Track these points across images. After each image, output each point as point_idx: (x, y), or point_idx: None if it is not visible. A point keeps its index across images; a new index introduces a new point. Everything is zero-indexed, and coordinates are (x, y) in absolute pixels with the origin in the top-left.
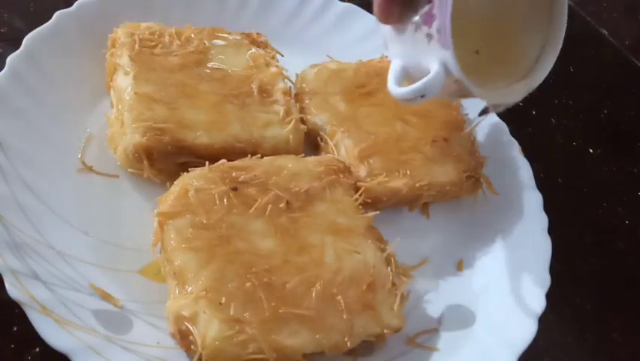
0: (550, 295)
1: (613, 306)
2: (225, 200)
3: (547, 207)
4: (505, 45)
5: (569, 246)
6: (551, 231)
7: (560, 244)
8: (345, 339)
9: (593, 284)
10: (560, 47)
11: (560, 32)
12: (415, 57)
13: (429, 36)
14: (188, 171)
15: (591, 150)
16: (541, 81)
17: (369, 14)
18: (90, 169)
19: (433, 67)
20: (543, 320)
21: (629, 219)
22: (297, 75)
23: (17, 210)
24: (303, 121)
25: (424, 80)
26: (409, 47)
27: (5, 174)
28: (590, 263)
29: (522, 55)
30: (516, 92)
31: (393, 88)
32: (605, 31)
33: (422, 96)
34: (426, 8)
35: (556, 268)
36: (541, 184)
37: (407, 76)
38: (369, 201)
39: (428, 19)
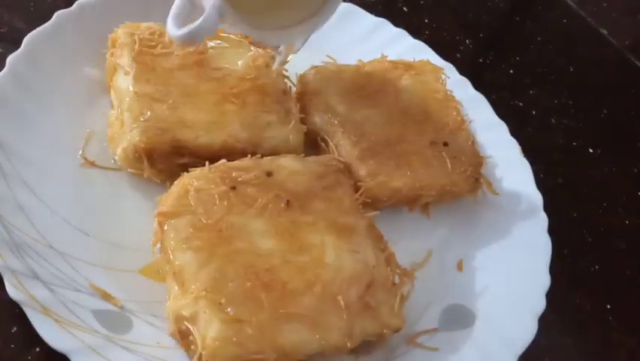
0: (550, 295)
1: (613, 306)
2: (225, 200)
3: (547, 207)
4: None
5: (569, 246)
6: (551, 231)
7: (560, 244)
8: (346, 339)
9: (593, 284)
10: None
11: None
12: None
13: None
14: (188, 171)
15: (591, 150)
16: (328, 20)
17: (369, 14)
18: (92, 164)
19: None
20: (543, 320)
21: (629, 220)
22: (297, 76)
23: (17, 210)
24: (303, 121)
25: (197, 23)
26: None
27: (5, 174)
28: (590, 263)
29: None
30: (299, 33)
31: (171, 27)
32: (605, 31)
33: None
34: None
35: (556, 268)
36: (541, 184)
37: (195, 9)
38: (369, 201)
39: None
